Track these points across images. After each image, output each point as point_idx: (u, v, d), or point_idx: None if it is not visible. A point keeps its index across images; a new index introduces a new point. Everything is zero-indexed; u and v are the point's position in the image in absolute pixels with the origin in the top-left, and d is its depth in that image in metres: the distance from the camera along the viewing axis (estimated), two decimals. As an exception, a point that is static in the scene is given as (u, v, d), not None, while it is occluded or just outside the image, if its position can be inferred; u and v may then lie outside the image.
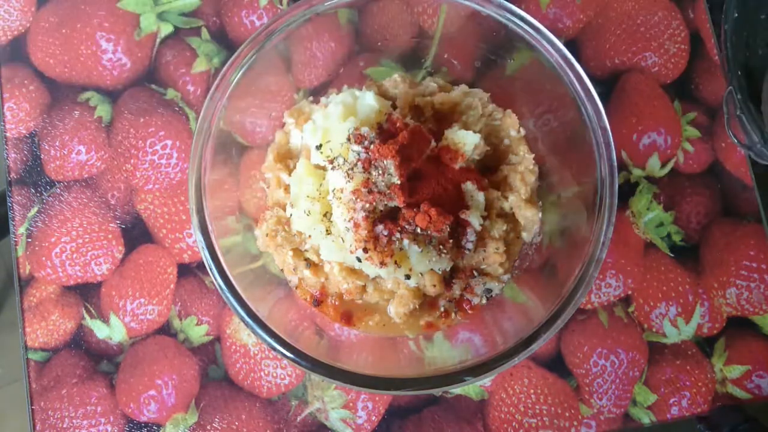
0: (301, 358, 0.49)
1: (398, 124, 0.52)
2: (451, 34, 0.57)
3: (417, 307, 0.55)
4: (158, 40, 0.63)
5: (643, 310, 0.61)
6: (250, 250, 0.56)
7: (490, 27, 0.53)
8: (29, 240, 0.61)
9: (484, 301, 0.56)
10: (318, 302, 0.55)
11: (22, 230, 0.61)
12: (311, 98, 0.59)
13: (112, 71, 0.63)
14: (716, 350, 0.61)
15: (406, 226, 0.50)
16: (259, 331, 0.49)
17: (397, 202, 0.50)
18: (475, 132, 0.54)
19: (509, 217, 0.55)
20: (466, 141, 0.53)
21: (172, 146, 0.62)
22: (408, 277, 0.52)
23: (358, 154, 0.50)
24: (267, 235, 0.55)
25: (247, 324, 0.49)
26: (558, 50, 0.51)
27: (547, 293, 0.52)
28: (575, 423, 0.59)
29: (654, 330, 0.61)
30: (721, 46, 0.63)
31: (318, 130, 0.54)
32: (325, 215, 0.52)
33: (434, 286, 0.53)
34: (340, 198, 0.50)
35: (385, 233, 0.50)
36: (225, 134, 0.53)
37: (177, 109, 0.63)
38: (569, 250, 0.53)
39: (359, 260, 0.51)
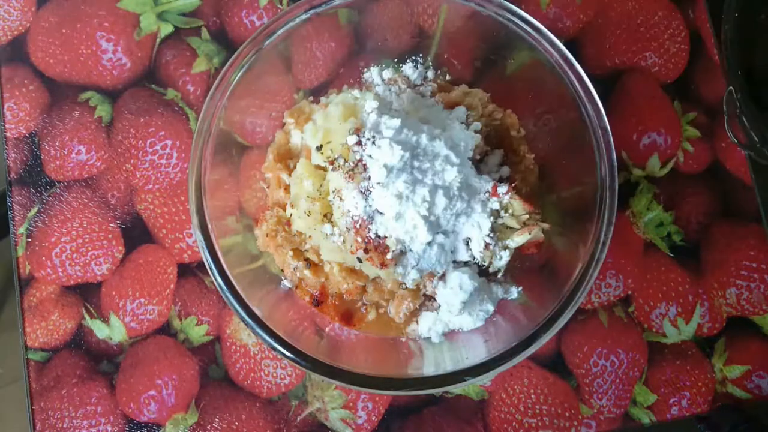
0: (301, 358, 0.49)
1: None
2: (451, 34, 0.57)
3: (417, 307, 0.55)
4: (158, 40, 0.63)
5: (643, 310, 0.61)
6: (250, 250, 0.56)
7: (490, 27, 0.53)
8: (29, 240, 0.61)
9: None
10: (318, 302, 0.55)
11: (22, 230, 0.61)
12: (311, 98, 0.59)
13: (112, 71, 0.63)
14: (716, 350, 0.61)
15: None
16: (259, 331, 0.49)
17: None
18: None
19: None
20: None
21: (172, 146, 0.62)
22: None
23: (359, 155, 0.50)
24: (267, 235, 0.55)
25: (247, 324, 0.49)
26: (558, 50, 0.51)
27: (547, 293, 0.52)
28: (575, 423, 0.59)
29: (654, 330, 0.61)
30: (721, 46, 0.63)
31: (318, 130, 0.54)
32: (325, 215, 0.52)
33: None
34: (341, 198, 0.50)
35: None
36: (225, 134, 0.53)
37: (177, 109, 0.63)
38: (569, 250, 0.53)
39: (360, 261, 0.51)
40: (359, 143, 0.50)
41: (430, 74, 0.60)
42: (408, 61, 0.59)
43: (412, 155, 0.49)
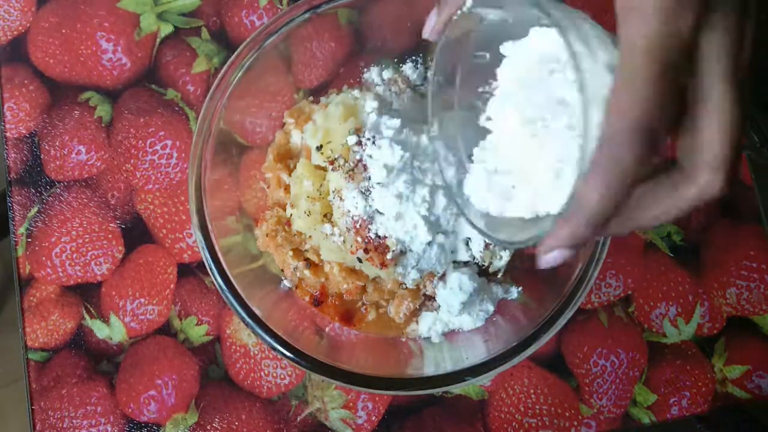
0: (301, 358, 0.49)
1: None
2: (451, 34, 0.57)
3: (417, 307, 0.55)
4: (158, 40, 0.63)
5: (643, 310, 0.61)
6: (250, 250, 0.56)
7: (490, 27, 0.53)
8: (29, 240, 0.61)
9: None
10: (318, 302, 0.55)
11: (22, 230, 0.61)
12: (311, 98, 0.59)
13: (112, 71, 0.63)
14: (716, 350, 0.61)
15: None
16: (259, 331, 0.49)
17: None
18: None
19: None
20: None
21: (172, 146, 0.62)
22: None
23: (359, 155, 0.50)
24: (267, 235, 0.55)
25: (247, 324, 0.49)
26: (558, 50, 0.51)
27: (547, 293, 0.52)
28: (575, 423, 0.59)
29: (654, 330, 0.61)
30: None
31: (318, 130, 0.54)
32: (325, 215, 0.52)
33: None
34: (341, 198, 0.50)
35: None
36: (225, 134, 0.53)
37: (177, 109, 0.63)
38: (569, 250, 0.53)
39: (360, 261, 0.51)
40: (359, 143, 0.50)
41: (430, 74, 0.60)
42: (408, 61, 0.59)
43: (412, 155, 0.49)
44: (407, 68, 0.59)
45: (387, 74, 0.58)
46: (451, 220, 0.50)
